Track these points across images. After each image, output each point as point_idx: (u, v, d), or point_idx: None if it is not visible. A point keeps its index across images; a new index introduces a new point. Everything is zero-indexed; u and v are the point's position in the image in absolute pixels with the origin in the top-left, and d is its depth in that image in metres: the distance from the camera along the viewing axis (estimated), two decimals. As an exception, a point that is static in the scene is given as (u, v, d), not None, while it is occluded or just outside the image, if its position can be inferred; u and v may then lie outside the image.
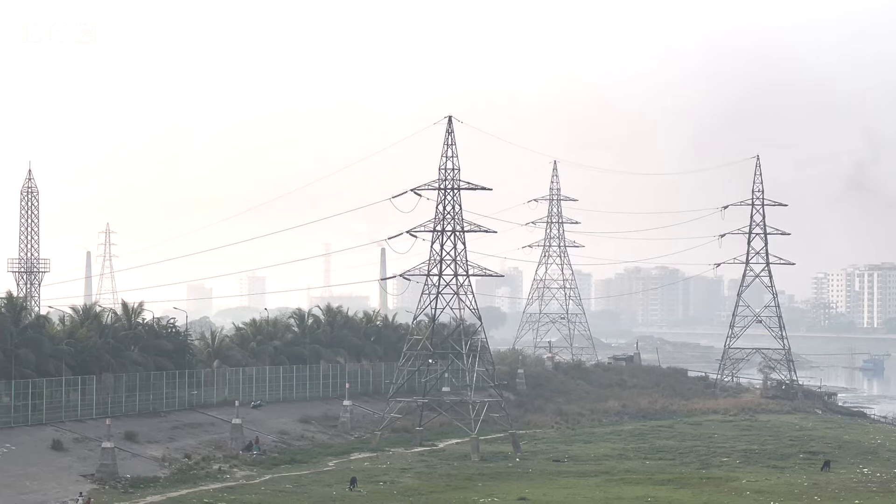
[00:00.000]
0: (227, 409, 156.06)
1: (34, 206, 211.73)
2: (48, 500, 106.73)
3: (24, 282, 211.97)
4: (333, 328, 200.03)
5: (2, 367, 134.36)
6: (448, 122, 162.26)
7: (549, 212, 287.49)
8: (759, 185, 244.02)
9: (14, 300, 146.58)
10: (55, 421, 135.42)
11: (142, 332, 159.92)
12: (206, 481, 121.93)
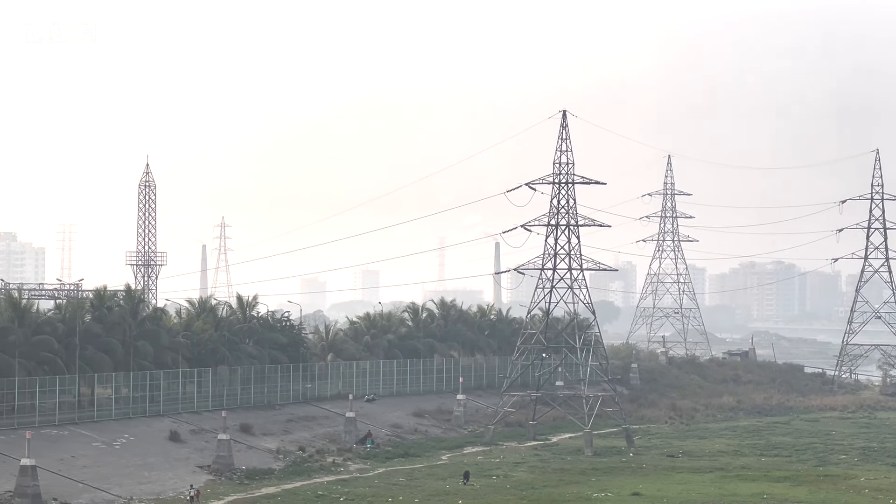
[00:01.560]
0: (340, 402, 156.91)
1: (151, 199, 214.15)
2: (166, 490, 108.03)
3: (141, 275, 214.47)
4: (447, 322, 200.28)
5: (121, 359, 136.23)
6: (562, 116, 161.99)
7: (663, 206, 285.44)
8: (879, 179, 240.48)
9: (132, 293, 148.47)
10: (172, 412, 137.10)
11: (256, 326, 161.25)
12: (319, 474, 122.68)
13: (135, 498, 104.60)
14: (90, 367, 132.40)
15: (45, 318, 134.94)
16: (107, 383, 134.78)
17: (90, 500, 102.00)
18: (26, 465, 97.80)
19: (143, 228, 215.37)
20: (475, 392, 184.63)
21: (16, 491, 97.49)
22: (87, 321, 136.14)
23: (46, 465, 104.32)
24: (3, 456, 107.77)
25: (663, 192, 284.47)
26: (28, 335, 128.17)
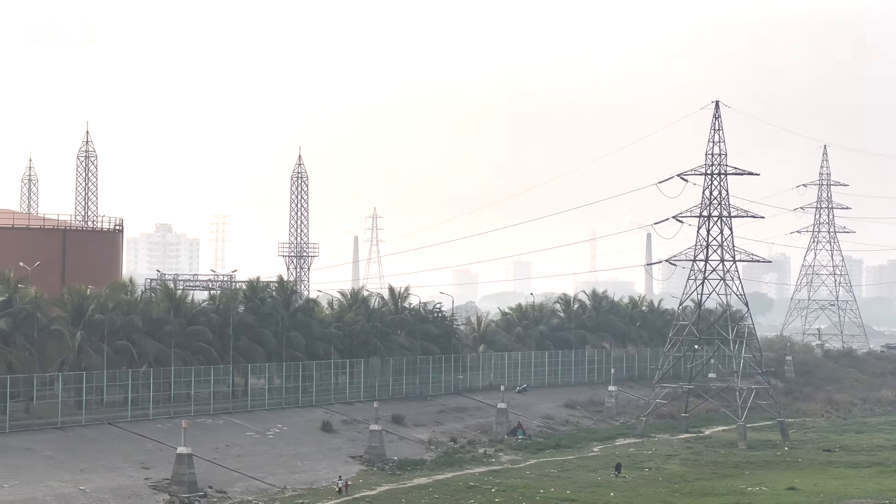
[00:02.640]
0: (492, 393, 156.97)
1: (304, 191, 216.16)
2: (319, 479, 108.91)
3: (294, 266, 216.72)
4: (599, 313, 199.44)
5: (273, 349, 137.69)
6: (715, 107, 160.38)
7: (819, 197, 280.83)
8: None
9: (285, 284, 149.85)
10: (324, 403, 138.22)
11: (408, 317, 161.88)
12: (471, 465, 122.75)
13: (288, 487, 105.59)
14: (244, 357, 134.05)
15: (200, 308, 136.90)
16: (260, 373, 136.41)
17: (244, 489, 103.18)
18: (182, 453, 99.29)
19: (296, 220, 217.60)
20: (626, 383, 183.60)
21: (172, 479, 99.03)
22: (240, 312, 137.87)
23: (202, 454, 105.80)
24: (160, 444, 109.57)
25: (819, 182, 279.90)
26: (183, 325, 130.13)
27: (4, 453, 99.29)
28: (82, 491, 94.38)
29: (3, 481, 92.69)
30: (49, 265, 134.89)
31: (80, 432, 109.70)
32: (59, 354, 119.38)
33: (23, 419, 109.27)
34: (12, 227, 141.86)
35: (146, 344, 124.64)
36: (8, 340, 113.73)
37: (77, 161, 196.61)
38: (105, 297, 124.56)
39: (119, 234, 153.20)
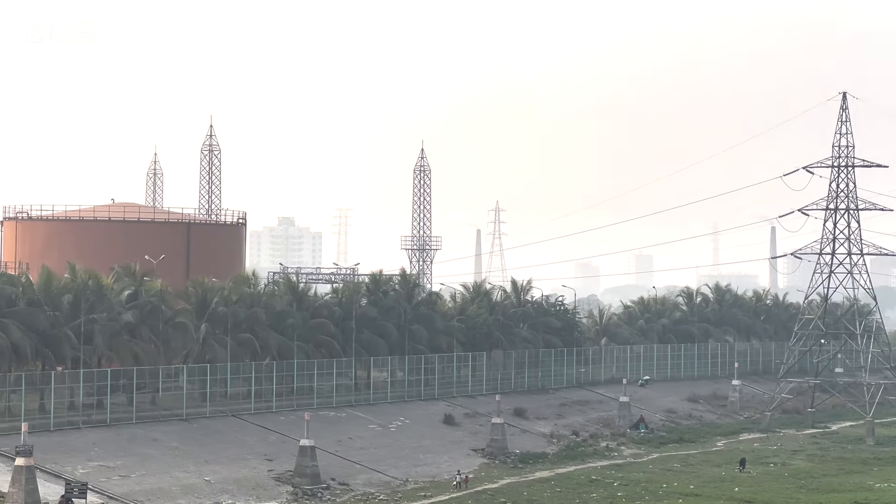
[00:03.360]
0: (613, 386, 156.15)
1: (426, 184, 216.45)
2: (441, 472, 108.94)
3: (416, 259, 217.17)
4: (722, 307, 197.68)
5: (396, 342, 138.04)
6: (842, 98, 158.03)
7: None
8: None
9: (407, 277, 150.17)
10: (447, 396, 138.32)
11: (530, 310, 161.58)
12: (593, 458, 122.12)
13: (410, 480, 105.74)
14: (366, 350, 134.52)
15: (323, 301, 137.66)
16: (382, 366, 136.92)
17: (366, 481, 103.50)
18: (305, 445, 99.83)
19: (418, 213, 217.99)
20: (750, 378, 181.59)
21: (296, 471, 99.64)
22: (363, 305, 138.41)
23: (324, 446, 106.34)
24: (283, 436, 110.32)
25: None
26: (306, 318, 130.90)
27: (132, 444, 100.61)
28: (207, 482, 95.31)
29: (131, 471, 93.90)
30: (174, 258, 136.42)
31: (205, 424, 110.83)
32: (183, 347, 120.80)
33: (149, 410, 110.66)
34: (138, 220, 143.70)
35: (269, 337, 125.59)
36: (134, 333, 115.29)
37: (201, 155, 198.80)
38: (229, 290, 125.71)
39: (242, 228, 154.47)
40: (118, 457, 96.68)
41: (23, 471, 79.78)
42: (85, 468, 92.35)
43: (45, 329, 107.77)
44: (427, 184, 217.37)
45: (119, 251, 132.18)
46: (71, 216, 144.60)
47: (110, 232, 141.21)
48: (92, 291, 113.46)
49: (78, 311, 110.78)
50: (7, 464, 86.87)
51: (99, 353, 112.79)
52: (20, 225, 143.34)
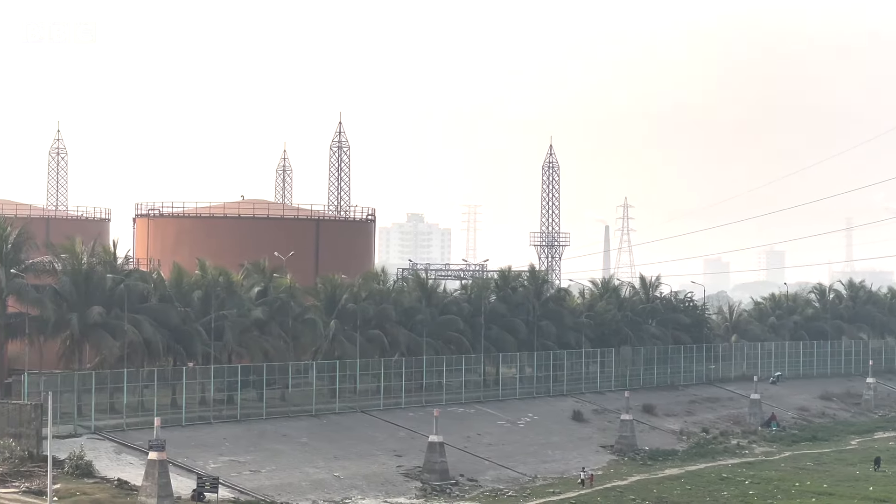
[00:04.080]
0: (744, 383, 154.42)
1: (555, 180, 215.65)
2: (569, 469, 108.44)
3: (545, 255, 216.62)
4: (856, 304, 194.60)
5: (524, 338, 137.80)
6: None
7: None
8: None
9: (536, 273, 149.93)
10: (575, 392, 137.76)
11: (659, 306, 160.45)
12: (723, 456, 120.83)
13: (539, 476, 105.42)
14: (495, 346, 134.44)
15: (452, 298, 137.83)
16: (511, 363, 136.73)
17: (495, 478, 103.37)
18: (434, 441, 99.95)
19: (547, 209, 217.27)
20: (885, 375, 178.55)
21: (424, 466, 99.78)
22: (491, 301, 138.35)
23: (453, 442, 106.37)
24: (412, 432, 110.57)
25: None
26: (435, 315, 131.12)
27: (262, 439, 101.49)
28: (336, 477, 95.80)
29: (261, 466, 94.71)
30: (303, 255, 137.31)
31: (334, 420, 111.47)
32: (312, 343, 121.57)
33: (279, 406, 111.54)
34: (267, 217, 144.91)
35: (398, 333, 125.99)
36: (264, 329, 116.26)
37: (330, 151, 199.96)
38: (358, 287, 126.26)
39: (371, 224, 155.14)
40: (248, 452, 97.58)
41: (156, 465, 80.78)
42: (216, 463, 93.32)
43: (177, 325, 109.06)
44: (556, 180, 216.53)
45: (249, 248, 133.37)
46: (202, 213, 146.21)
47: (240, 228, 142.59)
48: (222, 288, 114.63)
49: (208, 307, 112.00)
50: (140, 458, 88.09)
51: (229, 350, 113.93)
52: (152, 222, 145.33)
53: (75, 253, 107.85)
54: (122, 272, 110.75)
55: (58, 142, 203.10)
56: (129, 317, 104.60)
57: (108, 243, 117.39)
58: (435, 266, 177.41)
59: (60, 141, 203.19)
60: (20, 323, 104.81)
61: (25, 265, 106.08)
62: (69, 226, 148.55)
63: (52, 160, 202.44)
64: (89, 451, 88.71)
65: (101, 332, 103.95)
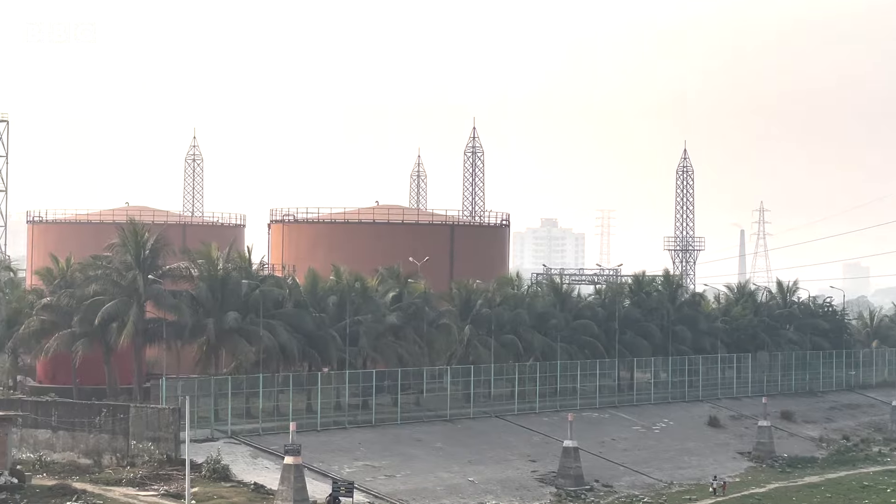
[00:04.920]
0: (886, 390, 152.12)
1: (689, 184, 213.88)
2: (706, 475, 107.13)
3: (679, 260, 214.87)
4: None
5: (658, 343, 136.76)
6: None
7: None
8: None
9: (671, 278, 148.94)
10: (711, 398, 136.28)
11: (797, 311, 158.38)
12: (864, 464, 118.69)
13: (674, 483, 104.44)
14: (629, 351, 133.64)
15: (586, 302, 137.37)
16: (645, 368, 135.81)
17: (630, 483, 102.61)
18: (569, 446, 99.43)
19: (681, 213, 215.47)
20: None
21: (559, 472, 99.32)
22: (626, 306, 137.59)
23: (588, 448, 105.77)
24: (546, 437, 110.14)
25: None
26: (569, 319, 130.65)
27: (397, 444, 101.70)
28: (471, 482, 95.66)
29: (396, 471, 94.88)
30: (437, 260, 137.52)
31: (468, 424, 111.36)
32: (447, 348, 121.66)
33: (413, 411, 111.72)
34: (402, 222, 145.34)
35: (532, 338, 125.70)
36: (399, 334, 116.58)
37: (464, 157, 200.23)
38: (492, 292, 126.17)
39: (505, 229, 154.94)
40: (383, 456, 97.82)
41: (291, 469, 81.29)
42: (351, 467, 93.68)
43: (312, 330, 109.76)
44: (690, 184, 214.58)
45: (383, 253, 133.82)
46: (336, 218, 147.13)
47: (375, 234, 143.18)
48: (357, 293, 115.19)
49: (343, 312, 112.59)
50: (276, 462, 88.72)
51: (364, 355, 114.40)
52: (287, 227, 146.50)
53: (211, 259, 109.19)
54: (257, 278, 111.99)
55: (194, 148, 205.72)
56: (265, 322, 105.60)
57: (244, 249, 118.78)
58: (569, 271, 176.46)
59: (196, 147, 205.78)
60: (158, 328, 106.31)
61: (163, 271, 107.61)
62: (205, 232, 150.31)
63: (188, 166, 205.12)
64: (226, 455, 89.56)
65: (236, 337, 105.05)
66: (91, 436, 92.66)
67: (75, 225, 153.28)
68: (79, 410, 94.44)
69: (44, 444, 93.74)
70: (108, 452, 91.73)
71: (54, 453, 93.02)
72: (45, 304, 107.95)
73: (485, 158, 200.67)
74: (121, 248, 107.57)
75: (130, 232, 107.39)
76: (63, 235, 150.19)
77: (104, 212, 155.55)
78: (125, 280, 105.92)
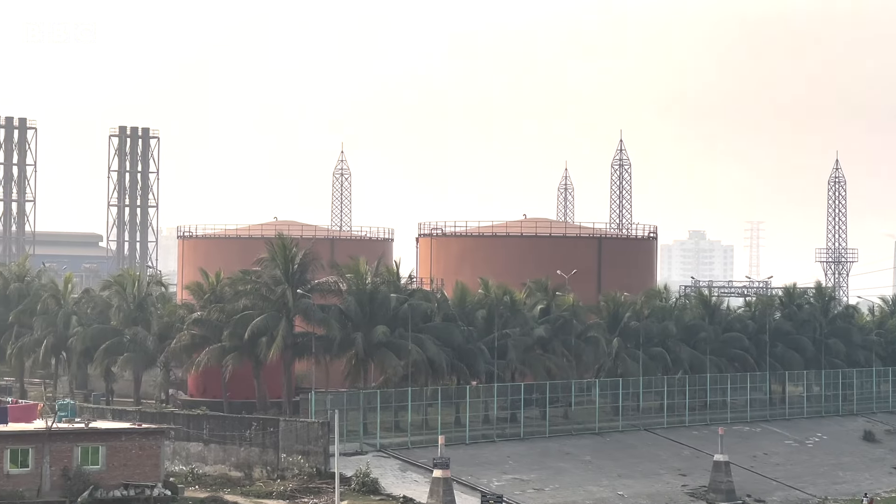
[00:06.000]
0: None
1: (841, 195, 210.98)
2: (860, 490, 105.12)
3: (832, 272, 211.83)
4: None
5: (811, 357, 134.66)
6: None
7: None
8: None
9: (823, 290, 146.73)
10: (866, 412, 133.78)
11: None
12: None
13: (829, 498, 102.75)
14: (780, 364, 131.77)
15: (735, 315, 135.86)
16: (797, 381, 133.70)
17: (783, 499, 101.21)
18: (720, 460, 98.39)
19: (833, 224, 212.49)
20: None
21: (710, 486, 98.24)
22: (776, 319, 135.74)
23: (739, 462, 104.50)
24: (696, 451, 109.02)
25: None
26: (718, 332, 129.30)
27: (545, 457, 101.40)
28: (620, 496, 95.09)
29: (545, 484, 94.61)
30: (585, 273, 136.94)
31: (617, 438, 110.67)
32: (595, 361, 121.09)
33: (561, 424, 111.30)
34: (549, 235, 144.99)
35: (681, 350, 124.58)
36: (546, 347, 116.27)
37: (611, 169, 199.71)
38: (640, 304, 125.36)
39: (653, 242, 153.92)
40: (532, 470, 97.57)
41: (440, 482, 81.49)
42: (500, 481, 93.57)
43: (460, 344, 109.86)
44: (842, 195, 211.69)
45: (531, 266, 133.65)
46: (484, 232, 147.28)
47: (522, 247, 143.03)
48: (505, 306, 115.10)
49: (491, 326, 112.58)
50: (425, 475, 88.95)
51: (512, 368, 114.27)
52: (435, 241, 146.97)
53: (360, 273, 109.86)
54: (405, 292, 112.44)
55: (341, 163, 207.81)
56: (413, 336, 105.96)
57: (392, 263, 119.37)
58: (717, 283, 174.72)
59: (344, 162, 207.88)
60: (307, 342, 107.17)
61: (311, 285, 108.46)
62: (353, 246, 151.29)
63: (336, 181, 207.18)
64: (375, 469, 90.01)
65: (385, 351, 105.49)
66: (242, 449, 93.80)
67: (225, 240, 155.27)
68: (230, 424, 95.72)
69: (196, 457, 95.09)
70: (258, 465, 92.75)
71: (206, 466, 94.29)
72: (196, 319, 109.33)
73: (632, 171, 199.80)
74: (270, 262, 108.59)
75: (279, 246, 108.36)
76: (213, 250, 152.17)
77: (253, 226, 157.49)
78: (274, 294, 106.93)
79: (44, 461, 79.63)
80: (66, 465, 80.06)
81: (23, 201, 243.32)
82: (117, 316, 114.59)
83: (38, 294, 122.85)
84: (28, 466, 79.62)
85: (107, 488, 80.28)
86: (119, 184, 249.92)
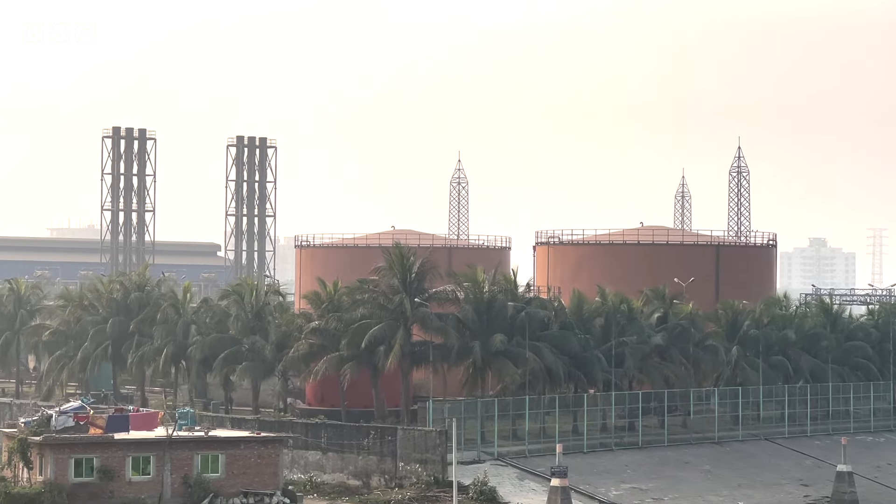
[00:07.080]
0: None
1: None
2: None
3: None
4: None
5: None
6: None
7: None
8: None
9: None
10: None
11: None
12: None
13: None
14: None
15: (858, 323, 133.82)
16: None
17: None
18: (843, 471, 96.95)
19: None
20: None
21: (833, 497, 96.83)
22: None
23: (862, 472, 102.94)
24: (818, 461, 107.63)
25: None
26: (840, 341, 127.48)
27: (664, 466, 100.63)
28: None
29: (663, 494, 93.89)
30: (703, 281, 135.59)
31: (737, 447, 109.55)
32: (714, 369, 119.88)
33: (680, 433, 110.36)
34: (667, 243, 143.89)
35: (801, 359, 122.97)
36: (664, 355, 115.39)
37: (729, 177, 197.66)
38: (759, 313, 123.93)
39: (772, 249, 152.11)
40: (650, 479, 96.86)
41: (558, 491, 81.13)
42: (618, 490, 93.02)
43: (577, 352, 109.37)
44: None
45: (648, 274, 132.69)
46: (601, 240, 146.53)
47: (639, 255, 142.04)
48: (622, 314, 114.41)
49: (609, 334, 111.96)
50: (542, 484, 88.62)
51: (630, 376, 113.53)
52: (552, 249, 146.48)
53: (477, 281, 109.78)
54: (522, 300, 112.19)
55: (458, 171, 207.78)
56: (531, 344, 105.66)
57: (509, 271, 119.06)
58: (839, 291, 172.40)
59: (461, 171, 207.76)
60: (424, 351, 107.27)
61: (429, 294, 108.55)
62: (470, 254, 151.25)
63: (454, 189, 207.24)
64: (492, 477, 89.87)
65: (502, 359, 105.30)
66: (360, 457, 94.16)
67: (342, 249, 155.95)
68: (348, 432, 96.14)
69: (314, 466, 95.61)
70: (376, 474, 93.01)
71: (324, 474, 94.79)
72: (314, 328, 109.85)
73: (750, 178, 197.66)
74: (387, 271, 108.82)
75: (397, 255, 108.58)
76: (330, 259, 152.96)
77: (370, 235, 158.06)
78: (392, 303, 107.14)
79: (165, 469, 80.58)
80: (186, 473, 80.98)
81: (142, 211, 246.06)
82: (235, 325, 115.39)
83: (157, 303, 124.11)
84: (149, 474, 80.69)
85: (226, 496, 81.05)
86: (237, 193, 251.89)
